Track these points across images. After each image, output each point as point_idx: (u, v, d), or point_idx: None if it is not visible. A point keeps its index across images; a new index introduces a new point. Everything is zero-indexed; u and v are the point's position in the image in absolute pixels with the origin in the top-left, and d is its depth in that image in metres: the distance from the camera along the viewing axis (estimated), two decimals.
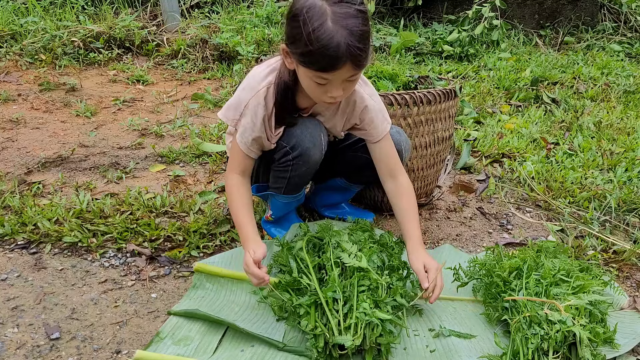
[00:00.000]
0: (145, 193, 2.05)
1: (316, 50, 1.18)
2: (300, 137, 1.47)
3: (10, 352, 1.26)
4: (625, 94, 3.68)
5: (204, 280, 1.51)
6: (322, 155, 1.53)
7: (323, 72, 1.23)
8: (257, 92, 1.41)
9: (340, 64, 1.20)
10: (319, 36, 1.16)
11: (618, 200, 2.11)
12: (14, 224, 1.75)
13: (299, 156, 1.48)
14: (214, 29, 4.37)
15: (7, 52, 3.76)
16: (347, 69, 1.22)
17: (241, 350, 1.28)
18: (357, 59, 1.20)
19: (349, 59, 1.19)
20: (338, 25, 1.17)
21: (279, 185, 1.60)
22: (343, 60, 1.19)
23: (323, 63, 1.20)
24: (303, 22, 1.18)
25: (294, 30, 1.21)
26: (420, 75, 2.18)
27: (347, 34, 1.17)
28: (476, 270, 1.52)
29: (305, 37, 1.18)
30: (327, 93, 1.30)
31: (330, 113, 1.53)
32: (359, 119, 1.53)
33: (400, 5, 5.46)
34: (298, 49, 1.22)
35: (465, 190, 2.28)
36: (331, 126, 1.57)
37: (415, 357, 1.28)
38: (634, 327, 1.39)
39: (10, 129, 2.69)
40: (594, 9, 5.53)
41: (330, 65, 1.20)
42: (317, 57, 1.19)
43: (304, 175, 1.56)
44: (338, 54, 1.18)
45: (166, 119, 3.00)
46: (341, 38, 1.17)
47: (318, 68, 1.22)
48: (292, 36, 1.23)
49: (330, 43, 1.16)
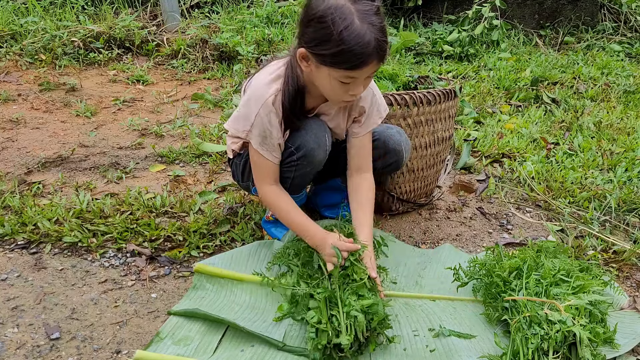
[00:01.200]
0: (145, 193, 2.05)
1: (348, 49, 1.21)
2: (305, 138, 1.48)
3: (10, 352, 1.26)
4: (625, 94, 3.68)
5: (204, 281, 1.51)
6: (326, 156, 1.54)
7: (353, 70, 1.27)
8: (266, 101, 1.41)
9: (370, 60, 1.25)
10: (350, 34, 1.20)
11: (618, 200, 2.11)
12: (14, 224, 1.75)
13: (303, 157, 1.49)
14: (214, 29, 4.37)
15: (7, 52, 3.76)
16: (373, 65, 1.27)
17: (241, 350, 1.28)
18: (384, 54, 1.26)
19: (377, 54, 1.24)
20: (365, 23, 1.22)
21: (282, 185, 1.60)
22: (373, 56, 1.24)
23: (355, 61, 1.24)
24: (332, 22, 1.21)
25: (322, 31, 1.23)
26: (420, 75, 2.18)
27: (375, 30, 1.22)
28: (476, 270, 1.52)
29: (336, 37, 1.21)
30: (348, 92, 1.34)
31: (335, 112, 1.55)
32: (357, 111, 1.55)
33: (400, 5, 5.46)
34: (328, 50, 1.24)
35: (465, 190, 2.28)
36: (335, 125, 1.58)
37: (415, 357, 1.28)
38: (634, 327, 1.39)
39: (10, 129, 2.69)
40: (594, 9, 5.53)
41: (362, 62, 1.25)
42: (349, 55, 1.23)
43: (307, 175, 1.57)
44: (369, 51, 1.22)
45: (166, 119, 3.00)
46: (371, 35, 1.22)
47: (349, 67, 1.26)
48: (318, 38, 1.25)
49: (362, 40, 1.21)
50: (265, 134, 1.44)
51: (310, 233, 1.46)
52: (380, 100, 1.58)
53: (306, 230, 1.47)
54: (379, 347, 1.30)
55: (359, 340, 1.23)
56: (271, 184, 1.51)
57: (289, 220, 1.50)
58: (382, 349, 1.30)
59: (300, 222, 1.48)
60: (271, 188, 1.51)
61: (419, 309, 1.46)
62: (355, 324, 1.22)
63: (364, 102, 1.54)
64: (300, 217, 1.49)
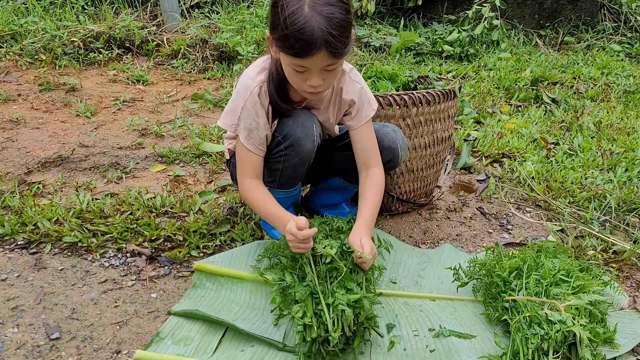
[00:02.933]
0: (145, 193, 2.05)
1: (291, 33, 1.21)
2: (292, 127, 1.48)
3: (10, 352, 1.26)
4: (625, 94, 3.68)
5: (204, 280, 1.51)
6: (315, 147, 1.54)
7: (298, 58, 1.25)
8: (251, 93, 1.42)
9: (314, 50, 1.22)
10: (294, 20, 1.20)
11: (618, 200, 2.11)
12: (14, 224, 1.75)
13: (290, 146, 1.49)
14: (214, 29, 4.37)
15: (7, 52, 3.76)
16: (322, 56, 1.24)
17: (241, 350, 1.28)
18: (332, 47, 1.23)
19: (323, 45, 1.21)
20: (314, 12, 1.20)
21: (272, 179, 1.61)
22: (317, 46, 1.21)
23: (297, 47, 1.22)
24: (281, 7, 1.22)
25: (274, 16, 1.25)
26: (420, 75, 2.18)
27: (323, 20, 1.20)
28: (476, 270, 1.52)
29: (282, 22, 1.21)
30: (306, 82, 1.32)
31: (324, 106, 1.55)
32: (347, 104, 1.55)
33: (400, 5, 5.46)
34: (276, 34, 1.26)
35: (465, 190, 2.28)
36: (324, 119, 1.58)
37: (415, 357, 1.28)
38: (634, 327, 1.39)
39: (10, 129, 2.69)
40: (594, 9, 5.53)
41: (304, 50, 1.22)
42: (292, 41, 1.22)
43: (296, 167, 1.56)
44: (312, 39, 1.20)
45: (166, 119, 3.00)
46: (316, 24, 1.20)
47: (293, 53, 1.25)
48: (272, 22, 1.27)
49: (304, 27, 1.20)
50: (252, 127, 1.44)
51: (279, 218, 1.42)
52: (369, 93, 1.58)
53: (275, 217, 1.44)
54: (379, 347, 1.30)
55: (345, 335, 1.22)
56: (252, 178, 1.50)
57: (261, 207, 1.47)
58: (382, 349, 1.30)
59: (273, 212, 1.45)
60: (250, 181, 1.50)
61: (419, 309, 1.46)
62: (343, 317, 1.20)
63: (353, 95, 1.53)
64: (274, 208, 1.46)
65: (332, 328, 1.19)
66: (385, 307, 1.46)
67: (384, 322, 1.39)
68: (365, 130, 1.57)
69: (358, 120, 1.55)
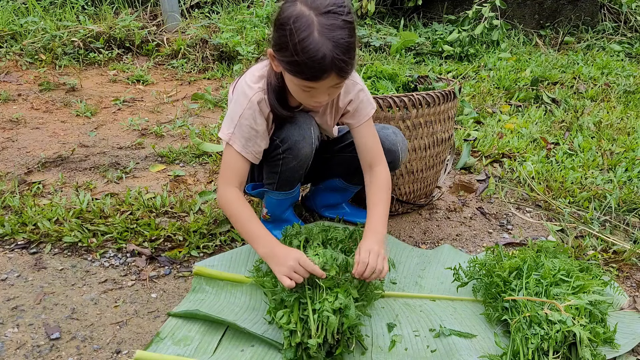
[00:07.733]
0: (145, 193, 2.05)
1: (302, 61, 1.20)
2: (290, 131, 1.48)
3: (10, 352, 1.26)
4: (625, 94, 3.68)
5: (203, 284, 1.51)
6: (313, 149, 1.54)
7: (308, 82, 1.26)
8: (250, 101, 1.42)
9: (325, 75, 1.23)
10: (305, 47, 1.19)
11: (618, 200, 2.11)
12: (14, 224, 1.75)
13: (288, 149, 1.49)
14: (214, 29, 4.37)
15: (7, 52, 3.76)
16: (332, 79, 1.25)
17: (241, 350, 1.28)
18: (342, 70, 1.23)
19: (333, 70, 1.22)
20: (324, 38, 1.19)
21: (271, 181, 1.61)
22: (328, 71, 1.22)
23: (308, 74, 1.23)
24: (290, 32, 1.20)
25: (281, 38, 1.23)
26: (419, 75, 2.18)
27: (333, 47, 1.19)
28: (476, 270, 1.52)
29: (291, 48, 1.20)
30: (313, 98, 1.34)
31: (322, 109, 1.56)
32: (345, 103, 1.55)
33: (400, 5, 5.46)
34: (285, 57, 1.24)
35: (465, 190, 2.28)
36: (323, 121, 1.59)
37: (416, 357, 1.28)
38: (634, 327, 1.39)
39: (10, 129, 2.69)
40: (594, 9, 5.53)
41: (315, 76, 1.23)
42: (303, 67, 1.22)
43: (294, 170, 1.56)
44: (324, 66, 1.20)
45: (166, 119, 3.00)
46: (327, 50, 1.19)
47: (303, 78, 1.25)
48: (278, 44, 1.25)
49: (316, 55, 1.19)
50: (250, 135, 1.44)
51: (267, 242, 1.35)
52: (368, 93, 1.57)
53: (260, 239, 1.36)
54: (379, 347, 1.30)
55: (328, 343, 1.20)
56: (235, 186, 1.45)
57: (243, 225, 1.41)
58: (383, 349, 1.30)
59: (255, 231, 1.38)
60: (232, 190, 1.44)
61: (419, 309, 1.46)
62: (327, 324, 1.19)
63: (351, 95, 1.53)
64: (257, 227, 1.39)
65: (314, 334, 1.18)
66: (386, 307, 1.46)
67: (384, 321, 1.40)
68: (367, 128, 1.56)
69: (359, 119, 1.55)
